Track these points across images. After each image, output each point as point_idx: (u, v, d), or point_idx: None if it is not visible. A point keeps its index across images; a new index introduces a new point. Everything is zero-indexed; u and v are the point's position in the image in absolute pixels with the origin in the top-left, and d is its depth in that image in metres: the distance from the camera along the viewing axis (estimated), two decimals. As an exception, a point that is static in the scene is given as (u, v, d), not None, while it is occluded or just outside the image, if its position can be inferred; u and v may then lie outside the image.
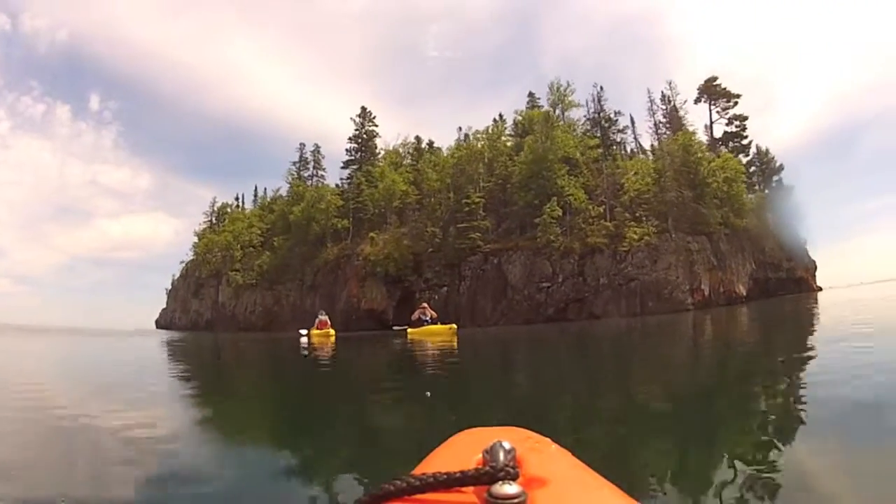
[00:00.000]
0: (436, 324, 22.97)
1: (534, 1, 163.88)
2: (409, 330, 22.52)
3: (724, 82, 50.11)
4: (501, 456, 0.78)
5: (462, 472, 0.71)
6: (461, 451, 0.98)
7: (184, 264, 74.58)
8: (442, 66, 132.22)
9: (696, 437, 3.81)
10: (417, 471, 0.81)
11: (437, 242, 41.99)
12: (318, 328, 27.92)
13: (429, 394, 6.21)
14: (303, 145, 60.71)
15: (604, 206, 41.20)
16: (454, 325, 21.73)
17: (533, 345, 17.13)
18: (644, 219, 40.03)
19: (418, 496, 0.71)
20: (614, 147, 48.63)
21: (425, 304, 25.17)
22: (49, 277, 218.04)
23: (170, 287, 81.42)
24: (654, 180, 41.65)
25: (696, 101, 48.47)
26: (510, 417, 3.14)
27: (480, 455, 0.84)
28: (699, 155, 43.13)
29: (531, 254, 39.51)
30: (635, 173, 42.86)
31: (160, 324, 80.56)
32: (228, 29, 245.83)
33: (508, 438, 0.84)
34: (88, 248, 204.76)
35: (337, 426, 4.79)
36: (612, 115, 49.97)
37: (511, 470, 0.72)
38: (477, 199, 41.99)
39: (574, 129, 46.77)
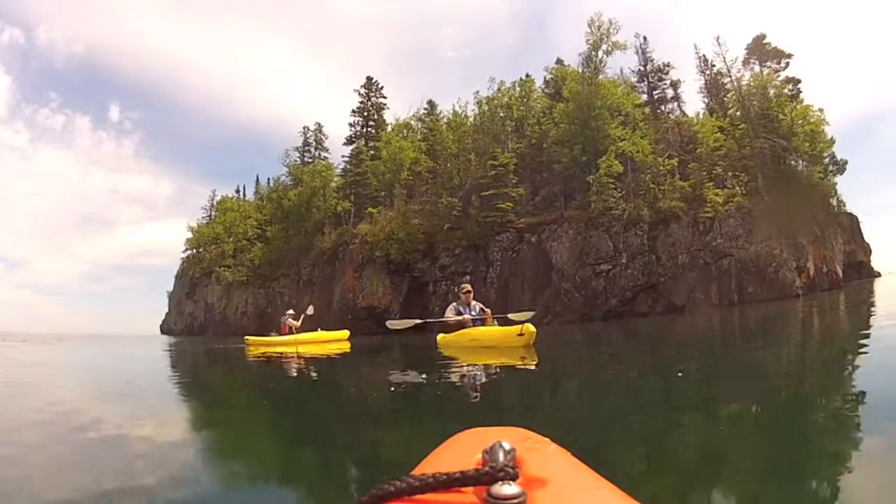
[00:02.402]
0: (485, 322, 11.29)
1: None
2: (440, 337, 11.96)
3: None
4: (501, 456, 0.77)
5: (462, 472, 0.71)
6: (461, 451, 0.97)
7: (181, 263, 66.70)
8: (460, 65, 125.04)
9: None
10: (417, 471, 0.80)
11: (455, 217, 32.23)
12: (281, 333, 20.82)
13: None
14: (306, 128, 52.18)
15: (676, 159, 31.38)
16: (529, 327, 9.42)
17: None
18: (732, 175, 31.40)
19: (418, 496, 0.71)
20: (664, 106, 41.42)
21: (468, 288, 12.13)
22: (71, 286, 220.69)
23: (171, 289, 73.87)
24: (728, 134, 33.80)
25: (745, 62, 39.48)
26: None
27: (480, 455, 0.82)
28: (780, 99, 35.06)
29: (582, 226, 29.81)
30: (703, 125, 34.96)
31: (163, 329, 73.22)
32: (245, 37, 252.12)
33: (508, 438, 0.82)
34: (111, 256, 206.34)
35: (336, 426, 4.28)
36: (661, 66, 41.83)
37: (511, 470, 0.71)
38: (506, 160, 32.16)
39: (619, 84, 37.13)
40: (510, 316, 11.36)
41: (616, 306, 28.25)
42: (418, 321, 13.17)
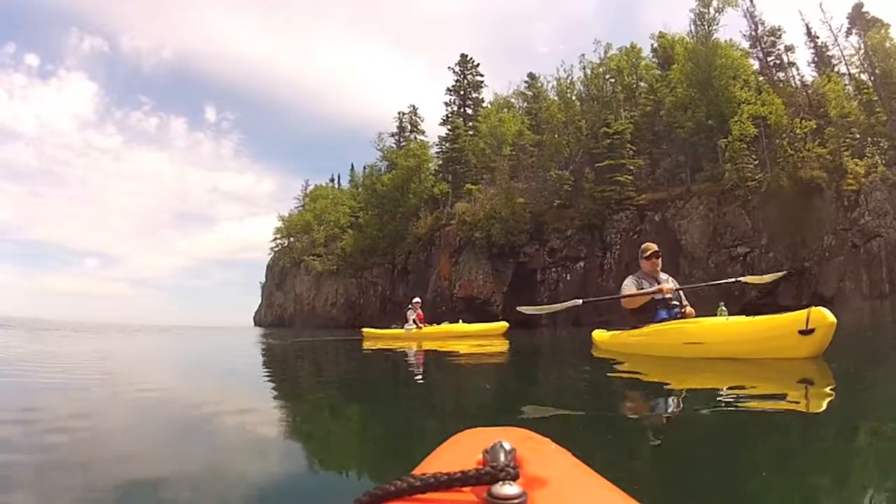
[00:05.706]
0: (684, 313, 6.24)
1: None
2: (598, 336, 7.83)
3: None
4: (502, 456, 0.77)
5: (462, 472, 0.71)
6: (461, 451, 0.96)
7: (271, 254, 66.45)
8: (554, 60, 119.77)
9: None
10: (417, 471, 0.79)
11: (566, 193, 28.70)
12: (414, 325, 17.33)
13: None
14: (401, 113, 49.14)
15: (813, 122, 27.55)
16: (824, 315, 4.54)
17: None
18: (872, 142, 28.09)
19: (418, 496, 0.71)
20: (782, 73, 36.74)
21: (654, 248, 6.62)
22: (168, 280, 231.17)
23: (263, 281, 74.05)
24: (853, 100, 30.70)
25: (848, 32, 36.56)
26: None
27: (481, 455, 0.82)
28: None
29: (714, 201, 25.74)
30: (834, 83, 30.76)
31: (255, 321, 73.53)
32: (335, 36, 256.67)
33: (508, 438, 0.82)
34: (212, 251, 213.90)
35: (335, 422, 3.95)
36: (773, 29, 37.13)
37: (511, 470, 0.72)
38: (621, 127, 28.44)
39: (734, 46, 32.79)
40: (745, 279, 7.08)
41: (756, 298, 23.95)
42: (569, 303, 7.39)
